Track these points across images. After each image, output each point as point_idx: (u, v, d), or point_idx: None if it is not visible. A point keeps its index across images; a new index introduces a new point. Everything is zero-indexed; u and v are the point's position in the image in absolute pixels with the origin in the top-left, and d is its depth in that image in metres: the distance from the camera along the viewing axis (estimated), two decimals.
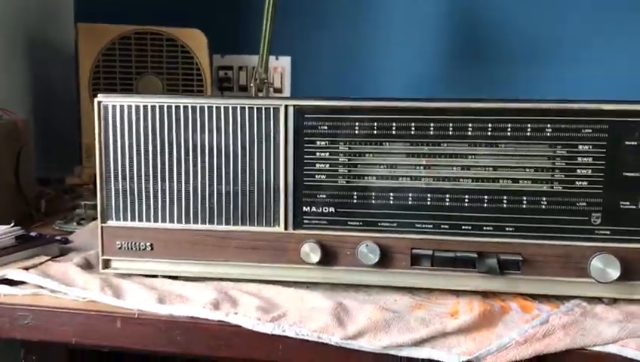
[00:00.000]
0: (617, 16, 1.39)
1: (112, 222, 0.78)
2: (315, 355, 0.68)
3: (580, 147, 0.70)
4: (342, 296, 0.73)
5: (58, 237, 0.92)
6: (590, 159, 0.70)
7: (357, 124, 0.73)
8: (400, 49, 1.48)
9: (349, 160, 0.74)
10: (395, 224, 0.74)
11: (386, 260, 0.74)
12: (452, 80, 1.48)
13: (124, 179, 0.77)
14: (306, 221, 0.75)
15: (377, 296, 0.75)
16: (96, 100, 0.76)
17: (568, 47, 1.42)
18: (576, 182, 0.70)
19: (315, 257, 0.74)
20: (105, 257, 0.79)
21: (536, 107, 0.70)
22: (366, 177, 0.74)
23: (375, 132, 0.73)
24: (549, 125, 0.70)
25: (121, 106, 0.76)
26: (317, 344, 0.67)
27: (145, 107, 0.75)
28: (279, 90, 1.47)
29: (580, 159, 0.70)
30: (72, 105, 1.34)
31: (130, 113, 0.76)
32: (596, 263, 0.70)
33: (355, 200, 0.74)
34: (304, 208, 0.75)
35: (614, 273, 0.70)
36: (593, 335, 0.64)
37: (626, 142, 0.69)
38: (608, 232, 0.71)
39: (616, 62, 1.39)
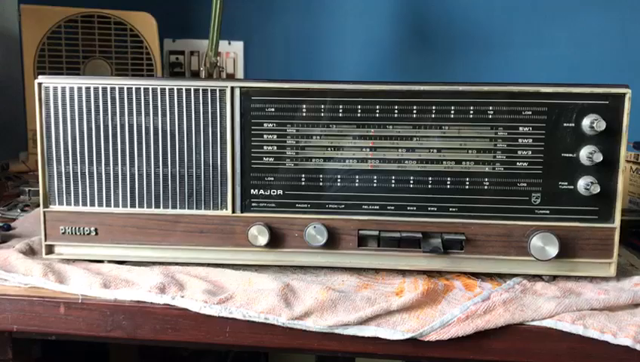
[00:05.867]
0: (562, 4, 1.43)
1: (55, 207, 0.76)
2: (262, 337, 0.68)
3: (521, 129, 0.72)
4: (290, 278, 0.74)
5: (0, 224, 0.90)
6: (530, 140, 0.72)
7: (304, 106, 0.73)
8: (353, 35, 1.49)
9: (297, 142, 0.74)
10: (342, 206, 0.74)
11: (333, 241, 0.75)
12: (405, 67, 1.50)
13: (67, 162, 0.75)
14: (254, 204, 0.75)
15: (325, 278, 0.75)
16: (36, 82, 0.74)
17: (518, 34, 1.46)
18: (517, 163, 0.72)
19: (263, 240, 0.74)
20: (48, 242, 0.77)
21: (477, 90, 0.71)
22: (313, 159, 0.74)
23: (322, 114, 0.73)
24: (490, 107, 0.71)
25: (63, 88, 0.74)
26: (264, 325, 0.67)
27: (87, 89, 0.74)
28: (232, 76, 1.46)
29: (520, 141, 0.72)
30: (17, 90, 1.30)
31: (72, 95, 0.74)
32: (536, 242, 0.72)
33: (302, 183, 0.75)
34: (252, 191, 0.75)
35: (553, 251, 0.72)
36: (532, 311, 0.66)
37: (564, 124, 0.71)
38: (547, 212, 0.73)
39: (562, 49, 1.43)
